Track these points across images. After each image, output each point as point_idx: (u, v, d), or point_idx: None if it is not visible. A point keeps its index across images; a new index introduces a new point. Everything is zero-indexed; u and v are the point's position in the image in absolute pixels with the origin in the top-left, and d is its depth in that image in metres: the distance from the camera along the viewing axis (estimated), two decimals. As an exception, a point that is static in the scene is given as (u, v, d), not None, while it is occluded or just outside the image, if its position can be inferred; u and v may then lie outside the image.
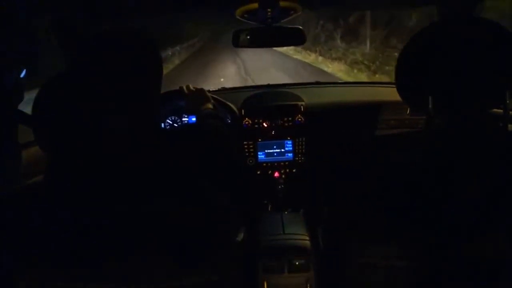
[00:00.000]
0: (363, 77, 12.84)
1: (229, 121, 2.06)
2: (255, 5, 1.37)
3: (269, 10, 1.42)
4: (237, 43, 1.66)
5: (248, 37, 1.64)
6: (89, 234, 0.78)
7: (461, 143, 0.84)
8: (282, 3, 1.36)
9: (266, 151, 2.12)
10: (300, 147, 2.10)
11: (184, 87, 1.63)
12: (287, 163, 2.12)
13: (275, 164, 2.13)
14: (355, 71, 13.77)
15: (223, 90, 2.50)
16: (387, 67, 11.89)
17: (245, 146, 2.10)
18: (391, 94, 2.26)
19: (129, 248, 0.80)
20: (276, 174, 2.13)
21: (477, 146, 0.83)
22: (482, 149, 0.83)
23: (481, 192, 0.80)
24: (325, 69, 15.24)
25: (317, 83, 2.61)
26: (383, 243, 0.87)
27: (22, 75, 1.19)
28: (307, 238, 1.43)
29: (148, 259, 0.81)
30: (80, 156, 0.80)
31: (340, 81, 2.68)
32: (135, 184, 0.83)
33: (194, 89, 1.61)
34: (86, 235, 0.78)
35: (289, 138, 2.11)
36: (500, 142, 0.85)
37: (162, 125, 2.11)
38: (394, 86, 0.96)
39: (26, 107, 1.12)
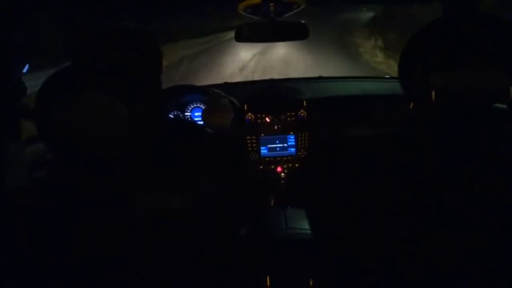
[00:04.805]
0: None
1: (232, 116, 2.06)
2: None
3: (272, 4, 1.42)
4: (240, 38, 1.66)
5: (251, 31, 1.63)
6: (91, 229, 0.79)
7: (464, 138, 0.84)
8: None
9: (269, 146, 2.12)
10: (302, 142, 2.11)
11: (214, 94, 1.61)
12: (289, 157, 2.13)
13: (278, 158, 2.13)
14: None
15: (226, 85, 2.50)
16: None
17: (248, 141, 2.10)
18: (395, 89, 2.26)
19: (130, 245, 0.81)
20: (279, 169, 2.13)
21: (480, 141, 0.83)
22: (485, 144, 0.82)
23: (485, 189, 0.79)
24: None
25: (320, 77, 2.61)
26: (381, 239, 0.87)
27: (25, 70, 1.19)
28: (310, 232, 1.44)
29: (149, 257, 0.82)
30: (83, 152, 0.80)
31: (343, 76, 2.68)
32: (137, 179, 0.83)
33: (222, 101, 1.61)
34: (89, 230, 0.78)
35: (291, 133, 2.11)
36: (504, 137, 0.85)
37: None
38: (397, 81, 0.96)
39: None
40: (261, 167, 2.14)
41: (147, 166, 0.85)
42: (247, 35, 1.64)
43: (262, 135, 2.11)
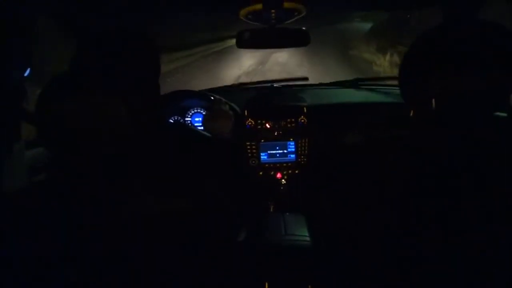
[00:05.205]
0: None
1: (233, 122, 2.07)
2: (259, 6, 1.37)
3: (273, 11, 1.42)
4: (241, 44, 1.67)
5: (252, 38, 1.64)
6: (90, 233, 0.78)
7: (464, 146, 0.84)
8: (286, 4, 1.36)
9: (268, 152, 2.12)
10: (302, 148, 2.10)
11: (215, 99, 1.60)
12: (289, 164, 2.12)
13: (278, 165, 2.13)
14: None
15: (226, 90, 2.50)
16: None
17: (248, 147, 2.10)
18: (395, 96, 2.26)
19: (128, 248, 0.80)
20: (279, 175, 2.13)
21: (480, 149, 0.83)
22: (485, 152, 0.82)
23: (484, 196, 0.79)
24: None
25: (321, 84, 2.61)
26: (381, 245, 0.87)
27: (26, 73, 1.20)
28: (309, 239, 1.43)
29: (148, 259, 0.81)
30: (83, 153, 0.80)
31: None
32: (137, 183, 0.83)
33: (223, 107, 1.61)
34: (87, 234, 0.78)
35: (292, 139, 2.11)
36: (504, 145, 0.85)
37: None
38: (398, 88, 0.96)
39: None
40: (260, 173, 2.13)
41: (147, 167, 0.85)
42: (248, 41, 1.65)
43: (262, 141, 2.11)
